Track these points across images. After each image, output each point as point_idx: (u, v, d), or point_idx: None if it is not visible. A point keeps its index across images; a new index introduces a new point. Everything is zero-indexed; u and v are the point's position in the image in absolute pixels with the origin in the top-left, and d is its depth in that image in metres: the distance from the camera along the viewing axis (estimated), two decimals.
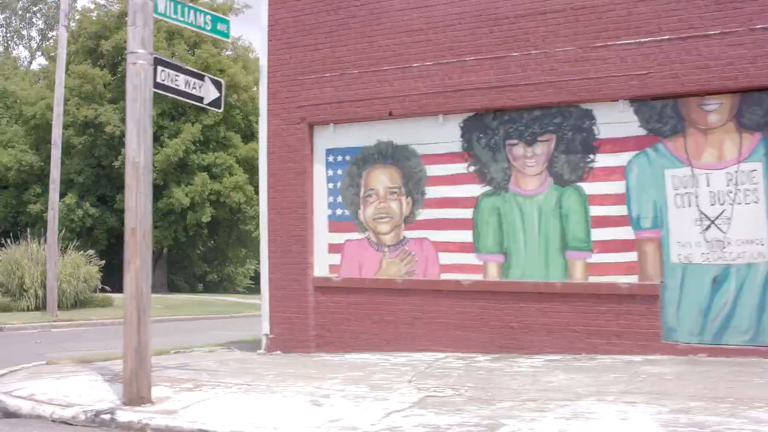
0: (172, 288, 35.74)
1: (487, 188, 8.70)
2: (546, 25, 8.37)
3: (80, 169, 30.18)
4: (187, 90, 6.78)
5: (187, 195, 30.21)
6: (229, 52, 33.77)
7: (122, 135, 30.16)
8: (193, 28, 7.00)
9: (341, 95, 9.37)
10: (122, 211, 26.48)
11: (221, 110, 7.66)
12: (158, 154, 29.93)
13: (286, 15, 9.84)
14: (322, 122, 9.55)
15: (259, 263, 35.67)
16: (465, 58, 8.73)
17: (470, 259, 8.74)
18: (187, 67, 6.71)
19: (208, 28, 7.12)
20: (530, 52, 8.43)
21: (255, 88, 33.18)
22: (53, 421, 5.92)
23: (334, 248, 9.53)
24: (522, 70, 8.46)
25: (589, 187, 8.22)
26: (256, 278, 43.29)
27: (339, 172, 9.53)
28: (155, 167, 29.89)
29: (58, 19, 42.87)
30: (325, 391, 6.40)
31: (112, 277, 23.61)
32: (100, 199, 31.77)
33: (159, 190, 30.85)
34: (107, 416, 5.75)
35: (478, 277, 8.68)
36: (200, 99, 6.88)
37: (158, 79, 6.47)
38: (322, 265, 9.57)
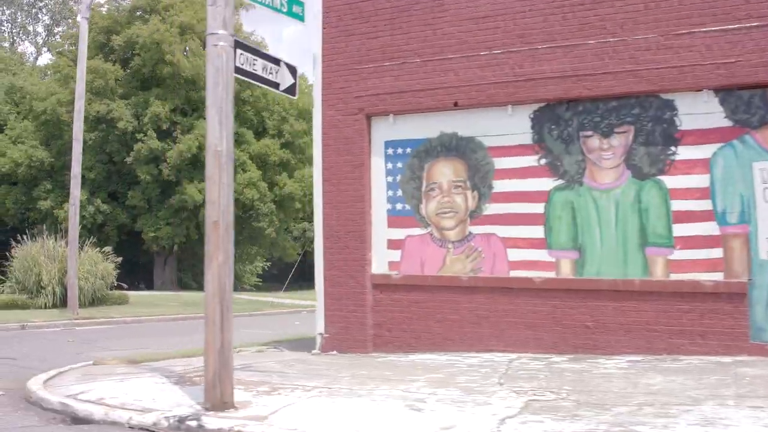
0: (181, 286, 35.25)
1: (560, 182, 8.33)
2: (624, 11, 8.00)
3: (91, 165, 29.66)
4: (264, 75, 6.40)
5: (200, 191, 29.74)
6: None
7: (134, 131, 29.71)
8: (269, 9, 6.62)
9: (402, 85, 8.98)
10: (134, 207, 26.28)
11: (295, 97, 7.31)
12: (170, 150, 29.49)
13: (341, 2, 9.44)
14: (381, 113, 9.16)
15: (268, 261, 34.92)
16: (537, 46, 8.36)
17: (542, 255, 8.37)
18: (264, 52, 6.33)
19: (285, 10, 6.74)
20: (607, 39, 8.06)
21: None
22: (131, 427, 5.53)
23: (393, 244, 9.13)
24: (599, 59, 8.09)
25: (671, 181, 7.86)
26: (263, 276, 42.67)
27: (399, 165, 9.14)
28: (168, 163, 29.42)
29: (64, 14, 42.38)
30: (416, 395, 6.02)
31: (124, 274, 23.04)
32: (111, 195, 31.26)
33: (172, 187, 30.41)
34: (193, 423, 5.36)
35: (551, 274, 8.31)
36: (276, 85, 6.51)
37: (238, 63, 6.09)
38: (380, 261, 9.17)
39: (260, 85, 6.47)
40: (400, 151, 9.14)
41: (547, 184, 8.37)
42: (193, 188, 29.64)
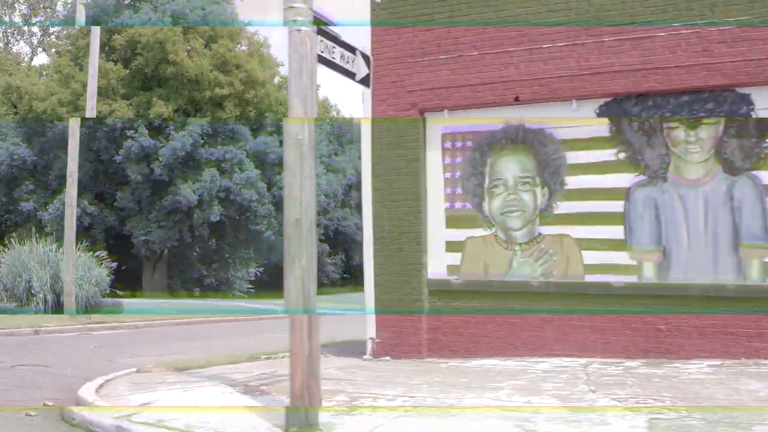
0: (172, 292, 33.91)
1: (641, 178, 7.99)
2: (698, 2, 7.71)
3: (78, 164, 28.60)
4: (341, 64, 5.99)
5: (194, 192, 28.52)
6: (243, 48, 32.54)
7: (124, 127, 28.34)
8: None
9: (459, 79, 8.60)
10: (122, 209, 25.11)
11: (369, 88, 6.91)
12: (162, 147, 28.26)
13: None
14: (435, 108, 8.75)
15: (261, 266, 32.77)
16: (603, 38, 8.05)
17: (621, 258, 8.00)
18: (342, 39, 5.91)
19: None
20: (679, 32, 7.77)
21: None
22: None
23: (452, 246, 8.69)
24: (670, 52, 7.79)
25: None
26: (255, 282, 41.21)
27: (458, 159, 8.73)
28: (160, 161, 28.16)
29: (43, 3, 40.96)
30: (512, 404, 5.64)
31: (116, 279, 21.97)
32: (98, 196, 29.79)
33: (164, 187, 29.14)
34: None
35: (632, 278, 7.96)
36: (353, 75, 6.11)
37: (318, 51, 5.66)
38: (438, 264, 8.74)
39: (337, 73, 6.07)
40: (459, 144, 8.74)
41: (626, 180, 8.00)
42: (188, 188, 28.42)
